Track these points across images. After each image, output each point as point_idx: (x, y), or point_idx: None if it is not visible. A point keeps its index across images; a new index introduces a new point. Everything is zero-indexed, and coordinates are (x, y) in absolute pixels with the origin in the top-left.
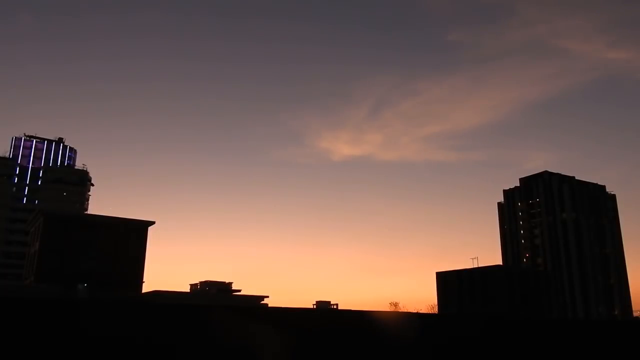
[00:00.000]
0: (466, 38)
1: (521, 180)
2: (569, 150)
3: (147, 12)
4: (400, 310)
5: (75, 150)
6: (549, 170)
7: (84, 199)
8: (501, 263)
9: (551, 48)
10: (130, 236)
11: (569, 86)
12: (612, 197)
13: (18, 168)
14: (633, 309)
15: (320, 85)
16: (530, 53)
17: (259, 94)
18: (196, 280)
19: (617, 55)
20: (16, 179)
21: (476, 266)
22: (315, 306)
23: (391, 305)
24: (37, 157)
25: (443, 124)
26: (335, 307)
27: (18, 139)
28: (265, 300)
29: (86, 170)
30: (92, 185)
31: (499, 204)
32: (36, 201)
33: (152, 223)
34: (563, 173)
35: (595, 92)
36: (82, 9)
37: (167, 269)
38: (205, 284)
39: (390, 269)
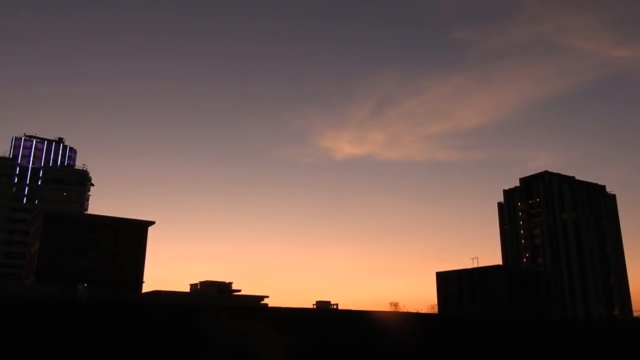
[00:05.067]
0: (471, 36)
1: (521, 180)
2: (570, 150)
3: (147, 12)
4: (400, 310)
5: (75, 150)
6: (550, 170)
7: (84, 199)
8: (501, 263)
9: (557, 46)
10: (130, 236)
11: (573, 85)
12: (612, 197)
13: (18, 168)
14: (633, 309)
15: (322, 84)
16: (535, 51)
17: (260, 93)
18: (196, 280)
19: (623, 54)
20: (16, 179)
21: (476, 266)
22: (315, 306)
23: (391, 305)
24: (37, 157)
25: (446, 123)
26: (335, 307)
27: (18, 139)
28: (265, 300)
29: (86, 170)
30: (92, 185)
31: (499, 204)
32: (36, 201)
33: (152, 223)
34: (564, 173)
35: (599, 90)
36: (82, 9)
37: (167, 269)
38: (205, 284)
39: (390, 269)
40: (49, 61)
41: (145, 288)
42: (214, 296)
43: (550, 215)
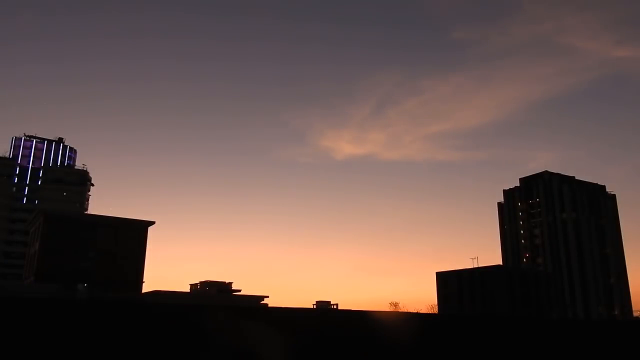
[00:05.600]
0: (471, 36)
1: (521, 180)
2: (570, 150)
3: (147, 12)
4: (400, 310)
5: (75, 150)
6: (550, 170)
7: (84, 199)
8: (501, 263)
9: (557, 46)
10: (130, 236)
11: (573, 85)
12: (612, 197)
13: (18, 168)
14: (633, 309)
15: (322, 83)
16: (535, 51)
17: (260, 93)
18: (196, 280)
19: (623, 54)
20: (16, 179)
21: (476, 266)
22: (315, 306)
23: (391, 305)
24: (37, 157)
25: (446, 123)
26: (335, 307)
27: (18, 139)
28: (265, 300)
29: (86, 170)
30: (92, 185)
31: (499, 204)
32: (36, 201)
33: (152, 223)
34: (564, 173)
35: (599, 90)
36: (82, 8)
37: (167, 269)
38: (205, 284)
39: (390, 269)
40: (49, 61)
41: (145, 288)
42: (214, 296)
43: (550, 215)
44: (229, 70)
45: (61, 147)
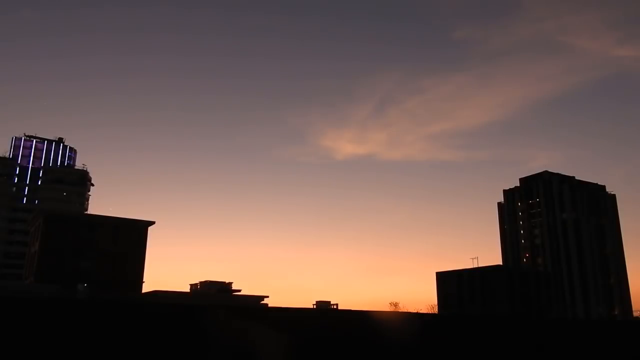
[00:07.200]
0: (473, 35)
1: (521, 180)
2: (570, 150)
3: (147, 9)
4: (400, 310)
5: (75, 150)
6: (550, 170)
7: (84, 199)
8: (501, 263)
9: (559, 45)
10: (130, 236)
11: (574, 84)
12: (612, 197)
13: (18, 168)
14: (633, 309)
15: (323, 82)
16: (537, 50)
17: (261, 91)
18: (196, 280)
19: (625, 53)
20: (16, 179)
21: (476, 266)
22: (315, 306)
23: (391, 305)
24: (37, 157)
25: (448, 122)
26: (335, 307)
27: (18, 139)
28: (265, 300)
29: (86, 170)
30: (92, 185)
31: (499, 204)
32: (36, 201)
33: (152, 223)
34: (564, 173)
35: (600, 90)
36: (82, 8)
37: (167, 269)
38: (205, 284)
39: (390, 269)
40: (49, 61)
41: (145, 288)
42: (214, 296)
43: (550, 216)
44: (229, 69)
45: (61, 147)
